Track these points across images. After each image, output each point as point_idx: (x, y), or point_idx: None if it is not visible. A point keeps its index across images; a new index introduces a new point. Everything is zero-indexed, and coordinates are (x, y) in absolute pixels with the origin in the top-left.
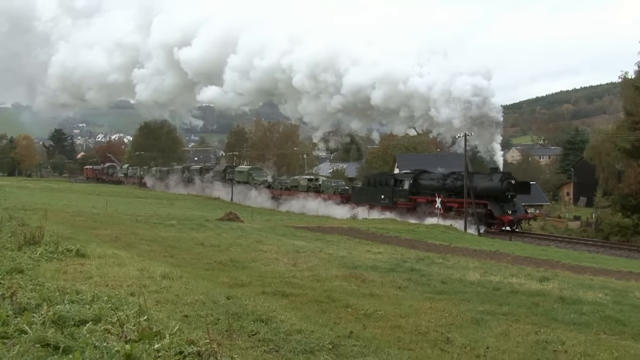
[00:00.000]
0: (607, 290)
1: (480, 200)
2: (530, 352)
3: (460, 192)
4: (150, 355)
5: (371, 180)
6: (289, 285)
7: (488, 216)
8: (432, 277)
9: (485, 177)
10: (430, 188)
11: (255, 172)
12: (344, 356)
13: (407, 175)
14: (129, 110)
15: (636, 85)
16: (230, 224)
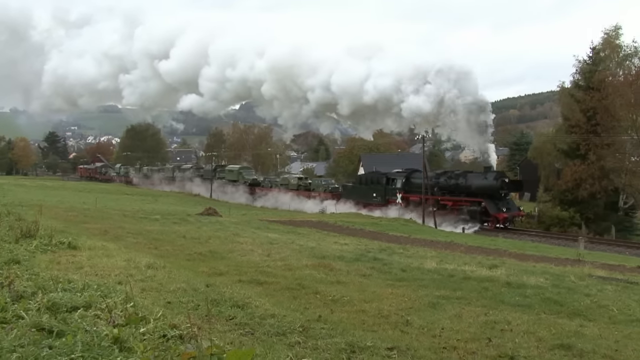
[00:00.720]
0: (547, 275)
1: (474, 199)
2: (481, 331)
3: (454, 190)
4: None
5: (363, 179)
6: (263, 274)
7: (483, 214)
8: (393, 265)
9: (479, 175)
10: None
11: (245, 171)
12: (313, 338)
13: (399, 174)
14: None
15: (571, 94)
16: (210, 218)
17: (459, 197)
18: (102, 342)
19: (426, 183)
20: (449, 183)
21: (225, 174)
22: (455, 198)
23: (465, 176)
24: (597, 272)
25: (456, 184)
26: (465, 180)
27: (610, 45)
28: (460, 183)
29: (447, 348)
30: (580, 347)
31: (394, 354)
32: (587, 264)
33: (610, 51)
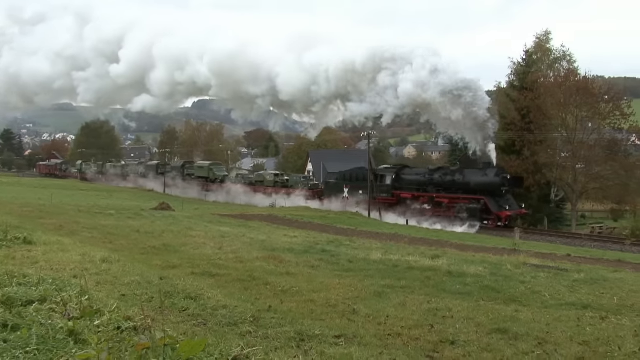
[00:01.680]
0: (486, 264)
1: (474, 196)
2: (424, 318)
3: (450, 187)
4: (91, 331)
5: (346, 175)
6: (216, 266)
7: (483, 212)
8: (340, 257)
9: (478, 172)
10: (415, 183)
11: (216, 167)
12: (264, 327)
13: (388, 170)
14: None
15: (507, 94)
16: (163, 212)
17: (456, 194)
18: (57, 335)
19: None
20: (444, 179)
21: (194, 171)
22: (452, 195)
23: (462, 172)
24: (531, 261)
25: (452, 180)
26: (463, 177)
27: (541, 49)
28: (457, 179)
29: (392, 335)
30: (515, 331)
31: (342, 342)
32: (522, 253)
33: (542, 54)
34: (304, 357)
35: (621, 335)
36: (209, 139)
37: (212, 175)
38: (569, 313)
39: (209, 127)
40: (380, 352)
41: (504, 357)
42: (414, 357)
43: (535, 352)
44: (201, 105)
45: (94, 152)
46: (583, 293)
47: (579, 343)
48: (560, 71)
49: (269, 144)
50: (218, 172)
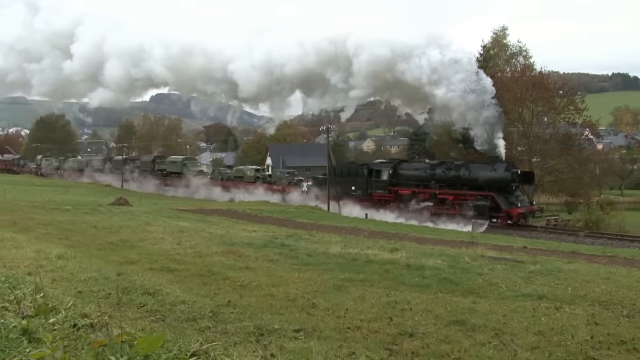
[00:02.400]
0: (444, 257)
1: (482, 192)
2: (383, 311)
3: (455, 182)
4: (45, 329)
5: (337, 171)
6: (174, 261)
7: (492, 209)
8: (300, 251)
9: (486, 166)
10: (415, 179)
11: (190, 162)
12: (223, 322)
13: (384, 165)
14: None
15: None
16: (121, 208)
17: (461, 190)
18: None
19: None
20: (448, 175)
21: (166, 166)
22: (457, 191)
23: (467, 167)
24: (488, 253)
25: (457, 175)
26: (469, 172)
27: (498, 44)
28: (463, 175)
29: (351, 328)
30: (473, 322)
31: (301, 336)
32: (479, 246)
33: (498, 49)
34: (264, 351)
35: (574, 324)
36: (167, 133)
37: (186, 171)
38: (525, 304)
39: (167, 121)
40: (340, 345)
41: (462, 348)
42: (373, 350)
43: (492, 343)
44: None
45: (49, 147)
46: (538, 284)
47: (535, 333)
48: (516, 66)
49: (227, 138)
50: (192, 167)
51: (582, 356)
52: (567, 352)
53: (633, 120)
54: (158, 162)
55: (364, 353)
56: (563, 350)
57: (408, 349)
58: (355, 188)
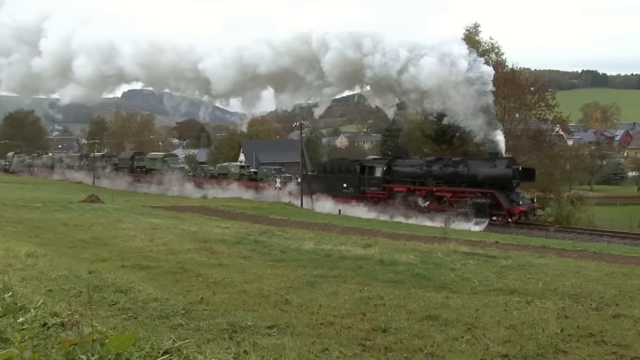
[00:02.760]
0: (417, 253)
1: (482, 189)
2: (356, 307)
3: (454, 179)
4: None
5: (328, 167)
6: (146, 258)
7: (492, 207)
8: (273, 247)
9: (485, 163)
10: (410, 175)
11: (170, 159)
12: (196, 319)
13: (378, 162)
14: None
15: None
16: (92, 205)
17: (460, 187)
18: None
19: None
20: (445, 171)
21: (146, 163)
22: (455, 189)
23: (466, 163)
24: (461, 248)
25: (455, 172)
26: (468, 168)
27: (470, 41)
28: (461, 171)
29: (324, 324)
30: (445, 317)
31: (274, 332)
32: (452, 241)
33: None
34: (237, 348)
35: (545, 317)
36: (139, 130)
37: (166, 168)
38: (497, 298)
39: (139, 117)
40: (313, 341)
41: (435, 343)
42: (347, 346)
43: (464, 337)
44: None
45: (18, 144)
46: (510, 279)
47: (506, 327)
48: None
49: (200, 135)
50: (173, 164)
51: (552, 349)
52: (538, 346)
53: (602, 117)
54: (137, 159)
55: (337, 349)
56: (534, 343)
57: (381, 345)
58: (347, 185)
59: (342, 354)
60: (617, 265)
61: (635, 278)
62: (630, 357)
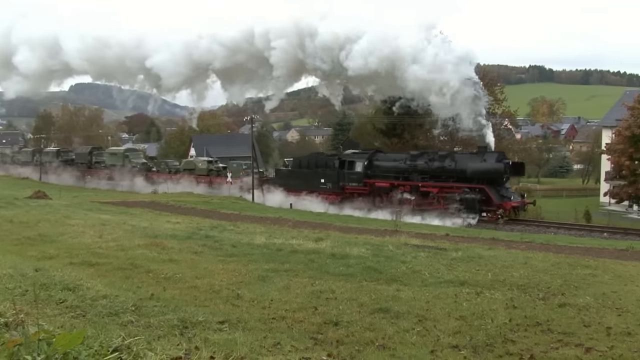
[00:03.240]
0: (368, 246)
1: (471, 185)
2: (307, 301)
3: (440, 174)
4: None
5: (303, 162)
6: (95, 255)
7: (482, 202)
8: (224, 242)
9: (474, 157)
10: (393, 170)
11: (132, 153)
12: (146, 316)
13: (358, 156)
14: None
15: None
16: (39, 201)
17: (447, 182)
18: None
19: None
20: (431, 166)
21: (105, 158)
22: (442, 184)
23: (453, 157)
24: (412, 241)
25: (441, 167)
26: (455, 163)
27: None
28: (448, 166)
29: (276, 318)
30: (396, 310)
31: (226, 327)
32: (403, 234)
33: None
34: (188, 344)
35: (494, 308)
36: (87, 124)
37: (127, 163)
38: (447, 290)
39: (87, 111)
40: (265, 335)
41: (386, 335)
42: (298, 340)
43: (415, 329)
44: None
45: None
46: (460, 270)
47: (456, 318)
48: None
49: (150, 129)
50: (135, 158)
51: (501, 339)
52: (487, 336)
53: (549, 111)
54: (96, 154)
55: (289, 343)
56: (483, 333)
57: (333, 338)
58: (324, 181)
59: (294, 347)
60: (563, 255)
61: (580, 268)
62: (574, 344)
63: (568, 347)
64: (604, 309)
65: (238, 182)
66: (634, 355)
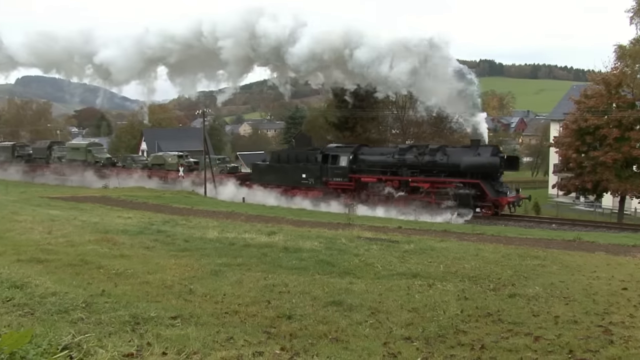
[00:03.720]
0: (321, 239)
1: (465, 179)
2: (261, 295)
3: (431, 169)
4: None
5: (283, 157)
6: (44, 251)
7: (476, 198)
8: (176, 237)
9: (467, 151)
10: (380, 165)
11: (95, 148)
12: (97, 312)
13: (342, 150)
14: None
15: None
16: None
17: (438, 177)
18: None
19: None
20: (421, 160)
21: (66, 152)
22: (434, 179)
23: (444, 151)
24: (364, 234)
25: (432, 161)
26: (447, 157)
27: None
28: (440, 160)
29: (229, 313)
30: (349, 302)
31: (178, 323)
32: (356, 227)
33: None
34: (140, 340)
35: (446, 300)
36: (35, 118)
37: (90, 158)
38: (400, 282)
39: (35, 105)
40: (218, 330)
41: (339, 328)
42: (251, 334)
43: (368, 322)
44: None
45: None
46: (412, 263)
47: (409, 310)
48: None
49: (100, 123)
50: (98, 153)
51: (453, 330)
52: (439, 327)
53: (499, 105)
54: (56, 148)
55: (242, 337)
56: (435, 325)
57: (286, 332)
58: (306, 176)
59: (247, 342)
60: (513, 247)
61: (529, 259)
62: (524, 333)
63: (518, 337)
64: (552, 299)
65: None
66: (580, 343)
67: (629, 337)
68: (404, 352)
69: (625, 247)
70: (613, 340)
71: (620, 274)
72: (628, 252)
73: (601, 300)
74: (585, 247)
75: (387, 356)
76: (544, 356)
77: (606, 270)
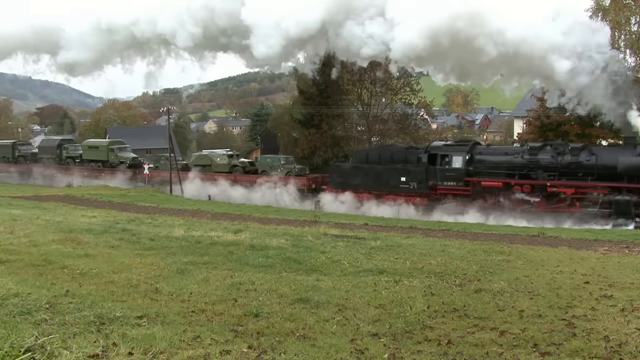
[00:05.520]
0: (288, 237)
1: (622, 184)
2: (227, 293)
3: (575, 172)
4: None
5: (371, 157)
6: (6, 252)
7: (637, 206)
8: (142, 235)
9: (623, 150)
10: (505, 166)
11: (118, 146)
12: (61, 313)
13: (454, 149)
14: None
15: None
16: None
17: (585, 181)
18: None
19: (516, 161)
20: (561, 161)
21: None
22: (581, 183)
23: (591, 151)
24: (331, 231)
25: (576, 161)
26: (596, 157)
27: None
28: (586, 161)
29: (195, 311)
30: (316, 300)
31: (144, 322)
32: (322, 224)
33: None
34: (105, 340)
35: (412, 295)
36: None
37: (113, 159)
38: (367, 279)
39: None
40: (184, 329)
41: (307, 325)
42: (218, 332)
43: (335, 319)
44: None
45: None
46: (379, 259)
47: (376, 306)
48: None
49: (63, 121)
50: (122, 153)
51: (420, 325)
52: (406, 323)
53: (463, 101)
54: (68, 147)
55: (209, 336)
56: (402, 321)
57: (253, 329)
58: (407, 179)
59: (214, 340)
60: (478, 242)
61: (494, 254)
62: (490, 328)
63: (484, 331)
64: (517, 293)
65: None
66: (544, 336)
67: (591, 329)
68: (372, 348)
69: (587, 242)
70: (576, 333)
71: (582, 268)
72: (590, 247)
73: (564, 294)
74: (548, 242)
75: (355, 352)
76: (509, 350)
77: (569, 265)
